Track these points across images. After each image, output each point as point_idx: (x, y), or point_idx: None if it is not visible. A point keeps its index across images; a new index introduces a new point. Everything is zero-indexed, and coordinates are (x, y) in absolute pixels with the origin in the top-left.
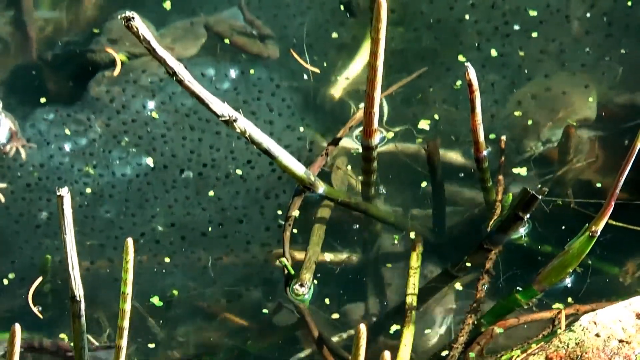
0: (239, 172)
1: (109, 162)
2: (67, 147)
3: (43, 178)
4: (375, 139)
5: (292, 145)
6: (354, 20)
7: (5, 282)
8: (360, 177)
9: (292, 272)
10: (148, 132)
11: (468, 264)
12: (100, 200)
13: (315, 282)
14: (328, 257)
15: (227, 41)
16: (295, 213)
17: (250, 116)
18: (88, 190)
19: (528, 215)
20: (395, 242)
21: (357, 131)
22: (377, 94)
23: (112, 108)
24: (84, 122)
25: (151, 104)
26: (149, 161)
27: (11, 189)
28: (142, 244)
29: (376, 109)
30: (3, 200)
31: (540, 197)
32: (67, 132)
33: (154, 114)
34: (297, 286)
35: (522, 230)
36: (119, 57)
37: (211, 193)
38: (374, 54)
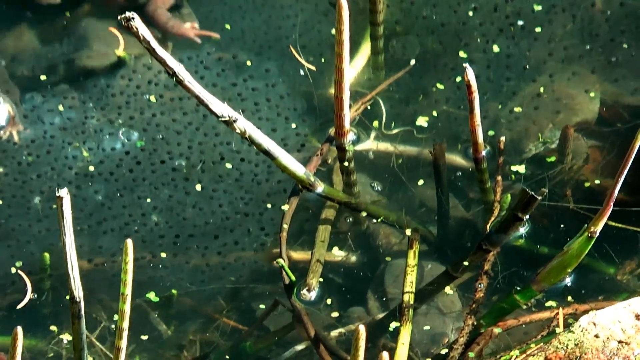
0: (236, 167)
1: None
2: (60, 126)
3: (34, 155)
4: (348, 139)
5: (289, 144)
6: (352, 22)
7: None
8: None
9: (290, 274)
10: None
11: (466, 264)
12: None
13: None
14: (328, 256)
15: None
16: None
17: (246, 115)
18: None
19: (527, 216)
20: (396, 240)
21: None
22: (346, 97)
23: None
24: (80, 102)
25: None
26: (178, 163)
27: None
28: (134, 238)
29: (346, 111)
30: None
31: (539, 197)
32: (61, 108)
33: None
34: (304, 291)
35: (522, 231)
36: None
37: (200, 185)
38: (339, 56)
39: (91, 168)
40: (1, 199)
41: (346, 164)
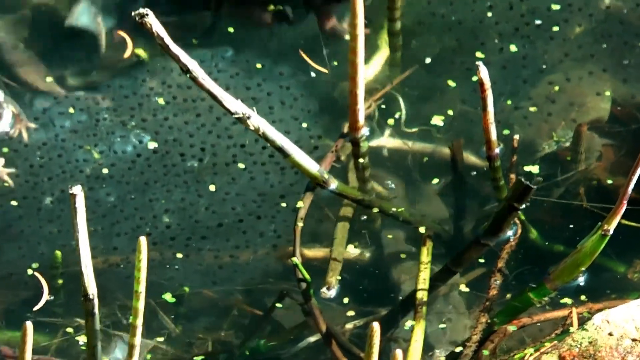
0: (249, 169)
1: (113, 145)
2: (72, 128)
3: (46, 158)
4: (362, 134)
5: (303, 145)
6: (369, 26)
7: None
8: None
9: (305, 272)
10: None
11: (467, 259)
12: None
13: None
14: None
15: None
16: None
17: (262, 113)
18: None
19: (523, 206)
20: (408, 238)
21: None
22: (361, 91)
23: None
24: (91, 104)
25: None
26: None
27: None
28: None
29: (360, 105)
30: (12, 185)
31: (534, 187)
32: (72, 111)
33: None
34: (324, 289)
35: (511, 233)
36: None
37: (213, 187)
38: (353, 50)
39: (103, 170)
40: (13, 199)
41: (361, 160)
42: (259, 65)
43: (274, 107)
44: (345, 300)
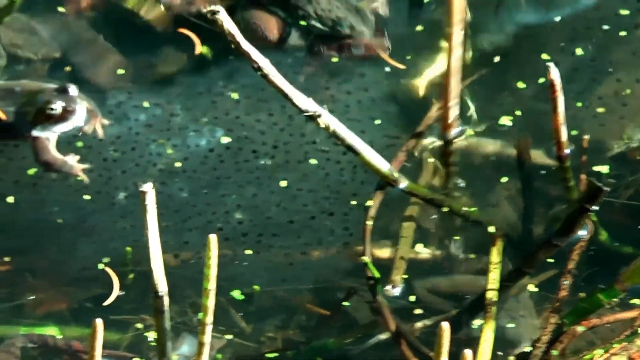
0: (321, 166)
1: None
2: (146, 122)
3: (119, 152)
4: (452, 132)
5: (377, 146)
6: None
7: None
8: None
9: (375, 270)
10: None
11: (538, 260)
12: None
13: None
14: (412, 253)
15: None
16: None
17: (335, 115)
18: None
19: (594, 207)
20: (478, 236)
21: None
22: (453, 88)
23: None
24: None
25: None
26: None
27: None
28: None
29: (453, 103)
30: (87, 180)
31: (606, 189)
32: (147, 105)
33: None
34: (388, 287)
35: (584, 233)
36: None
37: (285, 183)
38: (449, 49)
39: (176, 165)
40: (86, 194)
41: (450, 158)
42: (335, 59)
43: (349, 105)
44: (412, 298)
